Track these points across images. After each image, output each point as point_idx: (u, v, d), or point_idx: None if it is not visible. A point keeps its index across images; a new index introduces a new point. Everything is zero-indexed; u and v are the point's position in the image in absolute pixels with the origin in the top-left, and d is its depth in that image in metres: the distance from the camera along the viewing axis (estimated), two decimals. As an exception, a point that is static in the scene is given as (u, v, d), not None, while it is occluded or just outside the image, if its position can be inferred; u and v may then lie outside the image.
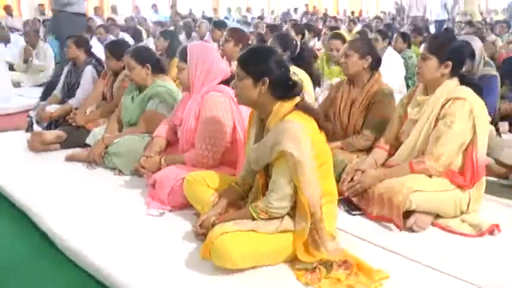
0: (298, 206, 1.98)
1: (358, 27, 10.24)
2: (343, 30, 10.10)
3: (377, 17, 14.59)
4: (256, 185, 2.15)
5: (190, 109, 2.68)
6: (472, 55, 3.32)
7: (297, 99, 2.04)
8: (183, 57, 2.69)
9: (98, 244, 2.20)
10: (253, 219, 1.98)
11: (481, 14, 11.76)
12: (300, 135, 1.89)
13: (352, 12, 20.03)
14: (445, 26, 10.33)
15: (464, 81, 2.55)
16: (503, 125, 3.71)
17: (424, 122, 2.53)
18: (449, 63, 2.49)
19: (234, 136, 2.62)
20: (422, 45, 6.21)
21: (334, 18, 15.06)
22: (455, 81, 2.53)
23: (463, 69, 2.67)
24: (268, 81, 1.99)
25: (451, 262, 2.08)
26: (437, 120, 2.48)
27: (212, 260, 1.90)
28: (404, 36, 6.05)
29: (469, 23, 8.88)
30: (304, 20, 13.85)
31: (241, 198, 2.26)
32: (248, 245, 1.89)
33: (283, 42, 3.60)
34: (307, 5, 19.40)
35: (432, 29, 10.47)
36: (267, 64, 2.00)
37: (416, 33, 7.70)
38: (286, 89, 2.02)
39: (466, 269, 2.02)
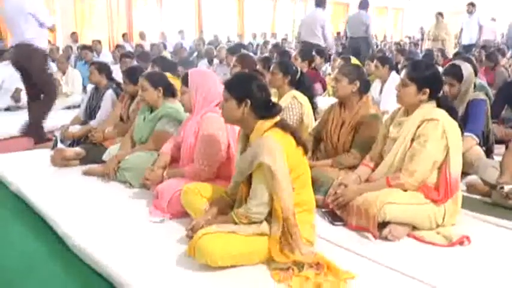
0: (273, 212, 2.19)
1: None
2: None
3: (397, 43, 14.78)
4: (240, 193, 2.36)
5: (191, 128, 2.93)
6: (461, 77, 3.54)
7: (277, 118, 2.28)
8: (186, 82, 2.95)
9: (104, 245, 2.46)
10: (235, 223, 2.21)
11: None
12: (275, 149, 2.12)
13: (376, 36, 20.17)
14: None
15: (441, 103, 2.73)
16: (500, 148, 3.86)
17: (402, 141, 2.68)
18: (427, 90, 2.66)
19: (228, 152, 2.84)
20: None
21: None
22: (432, 104, 2.70)
23: (441, 93, 2.87)
24: (249, 102, 2.25)
25: (418, 267, 2.25)
26: (413, 139, 2.64)
27: (195, 257, 2.13)
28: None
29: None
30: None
31: (230, 207, 2.44)
32: (227, 244, 2.10)
33: (284, 68, 3.81)
34: (331, 31, 19.60)
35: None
36: (249, 87, 2.26)
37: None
38: (266, 109, 2.27)
39: (432, 274, 2.18)
